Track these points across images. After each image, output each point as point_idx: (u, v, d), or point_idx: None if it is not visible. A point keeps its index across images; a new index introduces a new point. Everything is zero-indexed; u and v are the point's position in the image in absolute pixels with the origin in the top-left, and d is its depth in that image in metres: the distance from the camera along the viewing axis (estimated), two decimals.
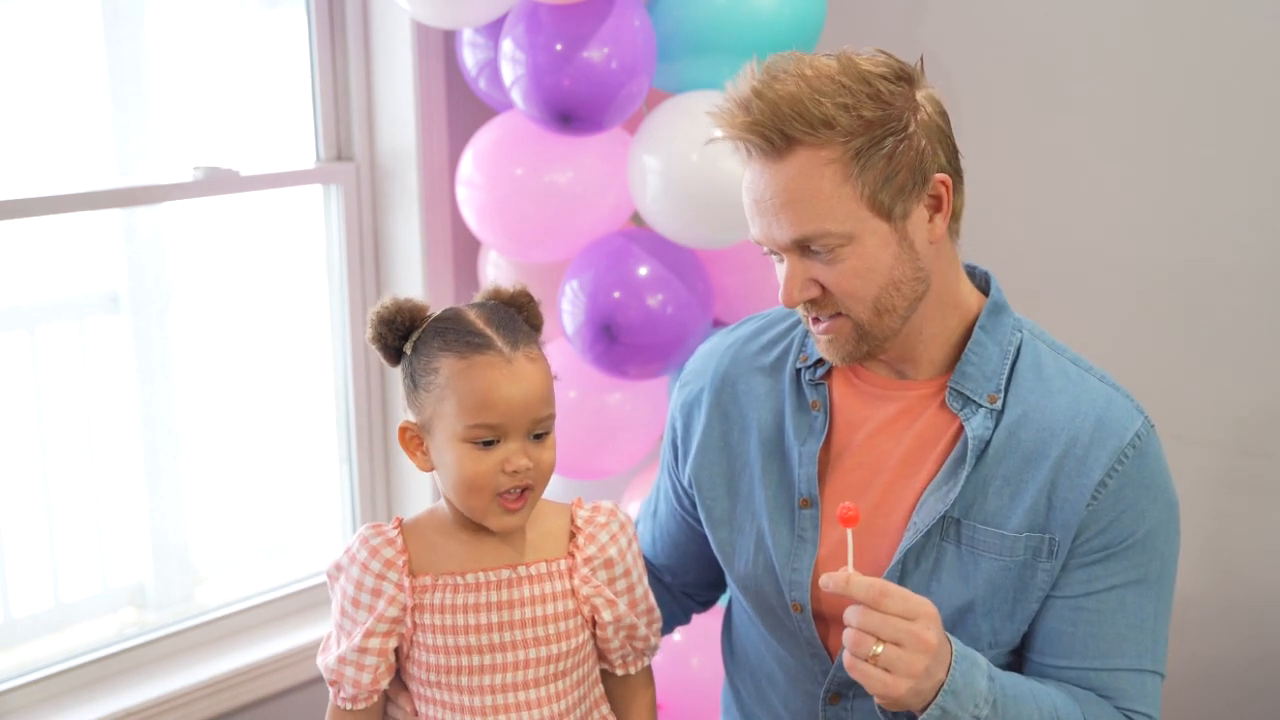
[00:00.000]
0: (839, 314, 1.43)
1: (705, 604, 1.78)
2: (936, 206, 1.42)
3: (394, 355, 1.43)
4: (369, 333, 1.43)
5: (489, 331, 1.38)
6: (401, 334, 1.42)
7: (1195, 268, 2.31)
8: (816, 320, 1.45)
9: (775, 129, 1.36)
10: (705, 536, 1.66)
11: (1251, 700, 2.35)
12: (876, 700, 1.34)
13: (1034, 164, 2.45)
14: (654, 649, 1.54)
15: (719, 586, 1.75)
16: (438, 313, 1.43)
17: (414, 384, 1.41)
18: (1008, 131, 2.46)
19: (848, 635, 1.32)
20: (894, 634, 1.30)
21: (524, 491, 1.39)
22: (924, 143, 1.39)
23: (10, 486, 2.35)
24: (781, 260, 1.43)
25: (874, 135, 1.36)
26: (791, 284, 1.42)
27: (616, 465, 2.41)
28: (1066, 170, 2.42)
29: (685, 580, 1.73)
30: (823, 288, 1.42)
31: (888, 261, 1.40)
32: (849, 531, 1.34)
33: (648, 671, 1.56)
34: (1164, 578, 1.46)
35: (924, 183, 1.40)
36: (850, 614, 1.33)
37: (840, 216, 1.37)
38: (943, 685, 1.32)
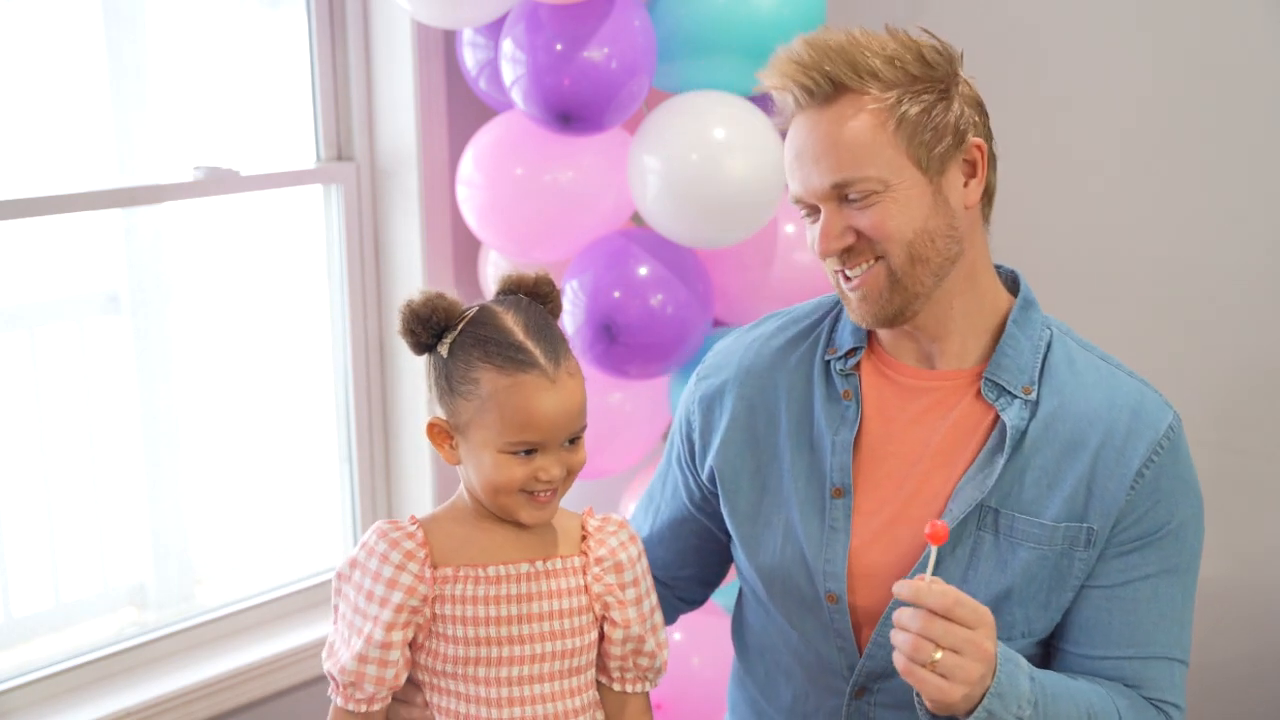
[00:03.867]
0: (877, 260, 1.45)
1: (694, 603, 1.78)
2: (971, 172, 1.47)
3: (422, 348, 1.43)
4: (399, 324, 1.42)
5: (530, 345, 1.38)
6: (435, 332, 1.41)
7: (1192, 265, 2.31)
8: (848, 279, 1.47)
9: (822, 72, 1.42)
10: (709, 531, 1.68)
11: (1247, 698, 2.35)
12: (928, 704, 1.36)
13: (1032, 163, 2.43)
14: (657, 672, 1.52)
15: (712, 585, 1.77)
16: (471, 312, 1.42)
17: (450, 387, 1.40)
18: (1006, 130, 2.37)
19: (904, 640, 1.34)
20: (954, 642, 1.32)
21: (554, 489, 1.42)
22: (962, 108, 1.45)
23: (10, 486, 2.34)
24: (816, 219, 1.46)
25: (916, 89, 1.42)
26: (829, 231, 1.44)
27: (617, 465, 2.40)
28: (1064, 169, 2.42)
29: (680, 575, 1.73)
30: (858, 234, 1.44)
31: (924, 211, 1.44)
32: (932, 548, 1.36)
33: (646, 700, 1.54)
34: (1192, 569, 1.50)
35: (960, 144, 1.45)
36: (909, 619, 1.34)
37: (879, 163, 1.41)
38: (989, 688, 1.34)
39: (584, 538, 1.48)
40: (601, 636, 1.47)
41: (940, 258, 1.46)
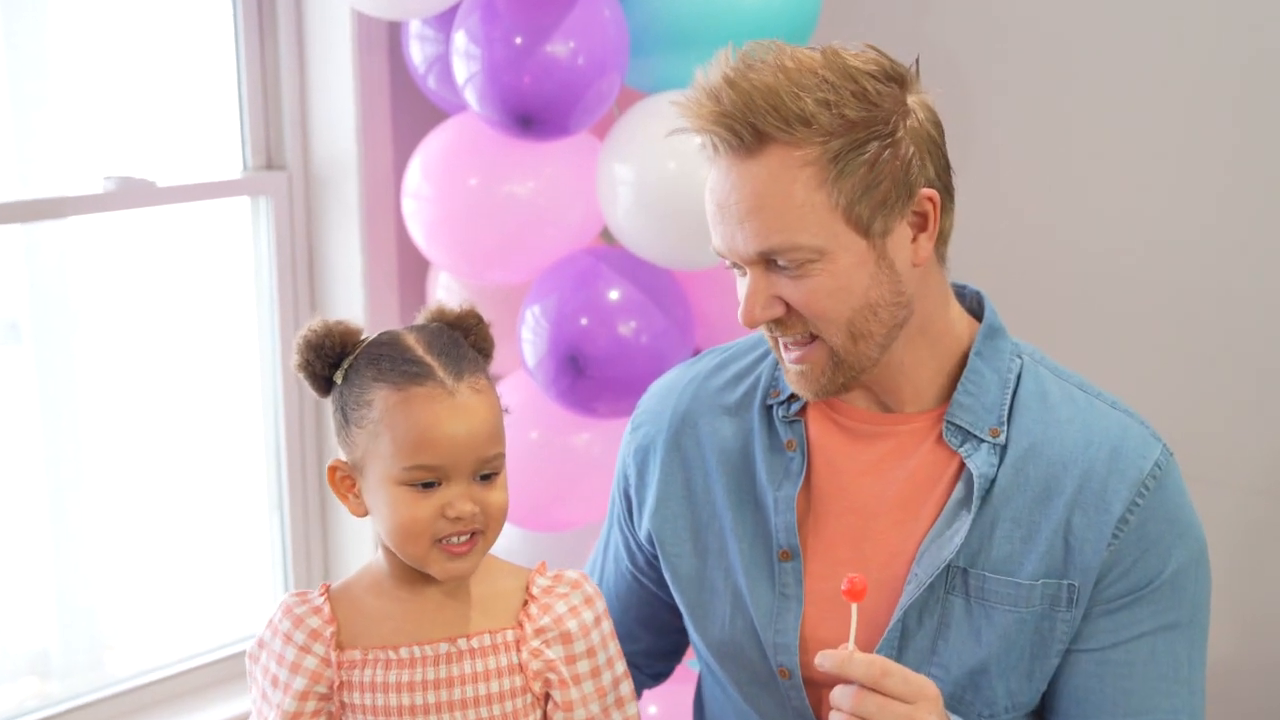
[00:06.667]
0: (813, 338, 1.39)
1: (656, 676, 1.72)
2: (921, 225, 1.38)
3: (324, 385, 1.38)
4: (295, 359, 1.38)
5: (429, 359, 1.33)
6: (331, 361, 1.37)
7: (1223, 297, 2.31)
8: (787, 348, 1.41)
9: (746, 122, 1.32)
10: (659, 598, 1.63)
11: (1251, 700, 2.35)
12: None
13: (1039, 170, 2.45)
14: None
15: (673, 656, 1.71)
16: (373, 337, 1.38)
17: (345, 418, 1.36)
18: (1011, 134, 2.46)
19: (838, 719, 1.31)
20: (891, 719, 1.28)
21: (472, 535, 1.34)
22: (911, 151, 1.35)
23: None
24: (744, 274, 1.39)
25: (856, 137, 1.32)
26: (753, 301, 1.37)
27: (582, 516, 2.33)
28: (1075, 179, 2.42)
29: (635, 649, 1.65)
30: (788, 307, 1.38)
31: (863, 282, 1.36)
32: (854, 606, 1.31)
33: None
34: (1196, 622, 1.43)
35: (909, 197, 1.36)
36: (841, 696, 1.29)
37: (812, 228, 1.33)
38: None
39: (527, 603, 1.40)
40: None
41: (885, 329, 1.39)
